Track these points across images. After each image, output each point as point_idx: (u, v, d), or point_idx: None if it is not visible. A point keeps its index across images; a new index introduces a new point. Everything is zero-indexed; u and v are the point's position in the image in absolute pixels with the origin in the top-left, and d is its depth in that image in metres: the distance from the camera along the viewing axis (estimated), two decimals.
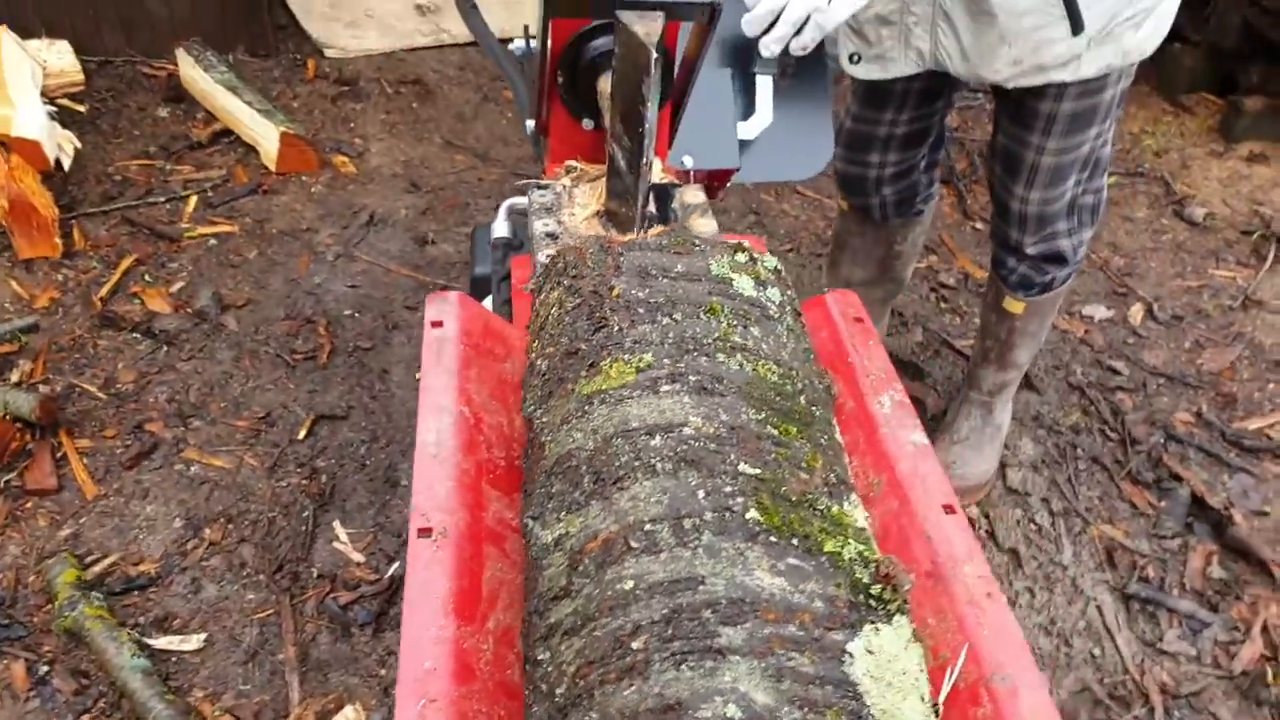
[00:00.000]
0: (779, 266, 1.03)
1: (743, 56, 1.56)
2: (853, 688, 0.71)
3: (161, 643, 1.80)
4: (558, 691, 0.74)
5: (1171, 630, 1.95)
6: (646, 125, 1.05)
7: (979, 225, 3.06)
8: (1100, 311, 2.74)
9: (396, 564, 1.96)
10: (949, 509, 0.90)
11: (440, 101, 3.46)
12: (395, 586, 1.92)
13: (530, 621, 0.82)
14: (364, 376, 2.37)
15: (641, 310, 0.95)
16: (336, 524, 2.04)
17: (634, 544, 0.76)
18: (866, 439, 0.98)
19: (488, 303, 1.61)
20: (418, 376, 2.35)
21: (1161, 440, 2.33)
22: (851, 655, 0.72)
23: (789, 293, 1.02)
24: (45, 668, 1.75)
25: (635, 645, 0.71)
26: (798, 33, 1.38)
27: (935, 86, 1.86)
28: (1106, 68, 1.63)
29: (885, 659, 0.74)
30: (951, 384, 2.47)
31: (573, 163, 1.38)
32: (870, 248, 2.18)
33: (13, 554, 1.93)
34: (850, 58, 1.76)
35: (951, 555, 0.86)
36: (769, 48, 1.42)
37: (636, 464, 0.81)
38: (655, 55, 0.99)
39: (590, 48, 1.29)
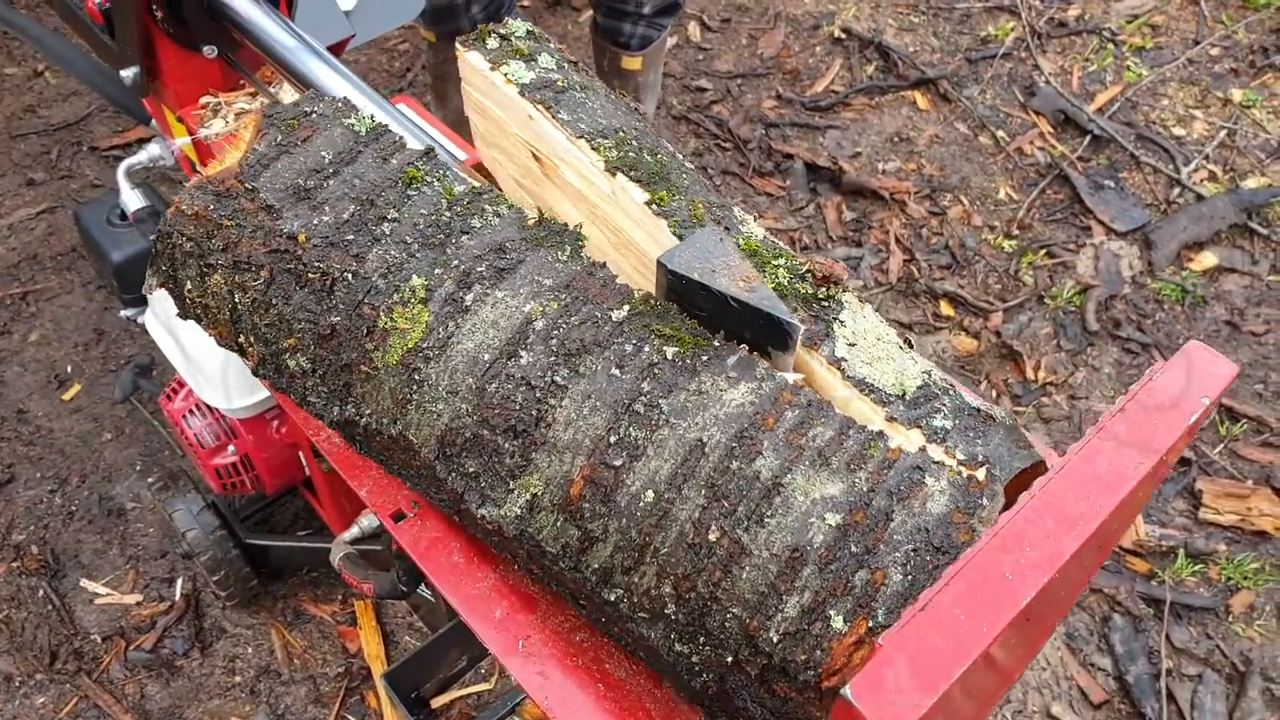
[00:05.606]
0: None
1: None
2: (864, 388, 0.76)
3: None
4: (668, 611, 0.73)
5: None
6: None
7: (525, 3, 3.26)
8: (667, 43, 3.12)
9: (180, 579, 1.93)
10: None
11: None
12: (192, 601, 1.90)
13: (567, 578, 0.78)
14: None
15: (351, 236, 0.81)
16: (84, 581, 1.93)
17: (615, 462, 0.72)
18: None
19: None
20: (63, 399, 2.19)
21: (763, 131, 2.81)
22: (844, 360, 0.78)
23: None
24: None
25: (713, 537, 0.70)
26: None
27: None
28: None
29: (863, 343, 0.80)
30: None
31: (208, 98, 1.37)
32: None
33: None
34: None
35: None
36: None
37: (534, 393, 0.75)
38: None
39: None
